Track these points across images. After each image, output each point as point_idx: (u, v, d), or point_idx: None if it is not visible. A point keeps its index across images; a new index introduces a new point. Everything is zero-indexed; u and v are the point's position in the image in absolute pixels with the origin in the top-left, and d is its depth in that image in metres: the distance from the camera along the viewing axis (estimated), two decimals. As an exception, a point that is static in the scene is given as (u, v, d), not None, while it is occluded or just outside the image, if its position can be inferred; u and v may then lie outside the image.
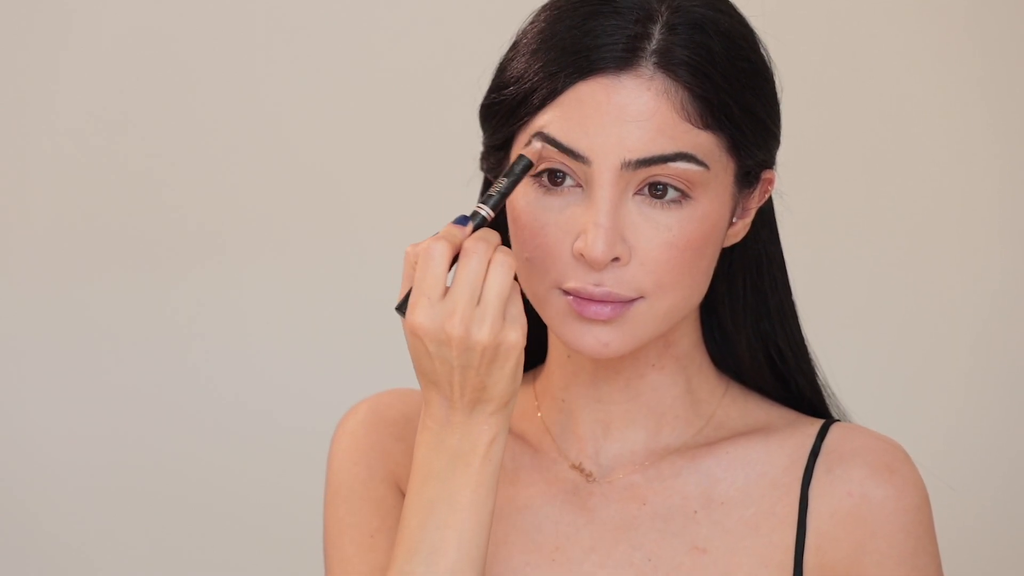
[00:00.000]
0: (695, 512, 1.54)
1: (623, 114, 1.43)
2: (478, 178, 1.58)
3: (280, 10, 2.63)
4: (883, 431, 1.57)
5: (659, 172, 1.44)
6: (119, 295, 2.62)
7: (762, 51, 1.50)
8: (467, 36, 2.56)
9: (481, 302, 1.40)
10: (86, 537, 2.63)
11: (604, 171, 1.43)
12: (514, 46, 1.49)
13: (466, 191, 1.62)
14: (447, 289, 1.40)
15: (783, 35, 2.60)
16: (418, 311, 1.40)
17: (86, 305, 2.62)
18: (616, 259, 1.44)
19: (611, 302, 1.45)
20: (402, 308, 1.42)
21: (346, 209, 2.64)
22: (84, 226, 2.62)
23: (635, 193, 1.45)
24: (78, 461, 2.62)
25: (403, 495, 1.59)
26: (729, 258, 1.57)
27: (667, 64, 1.44)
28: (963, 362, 2.65)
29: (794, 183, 2.62)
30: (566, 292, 1.46)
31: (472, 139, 1.56)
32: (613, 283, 1.45)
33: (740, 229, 1.53)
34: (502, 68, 1.49)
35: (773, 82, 1.51)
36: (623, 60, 1.44)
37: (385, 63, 2.63)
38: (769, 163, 1.53)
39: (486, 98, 1.51)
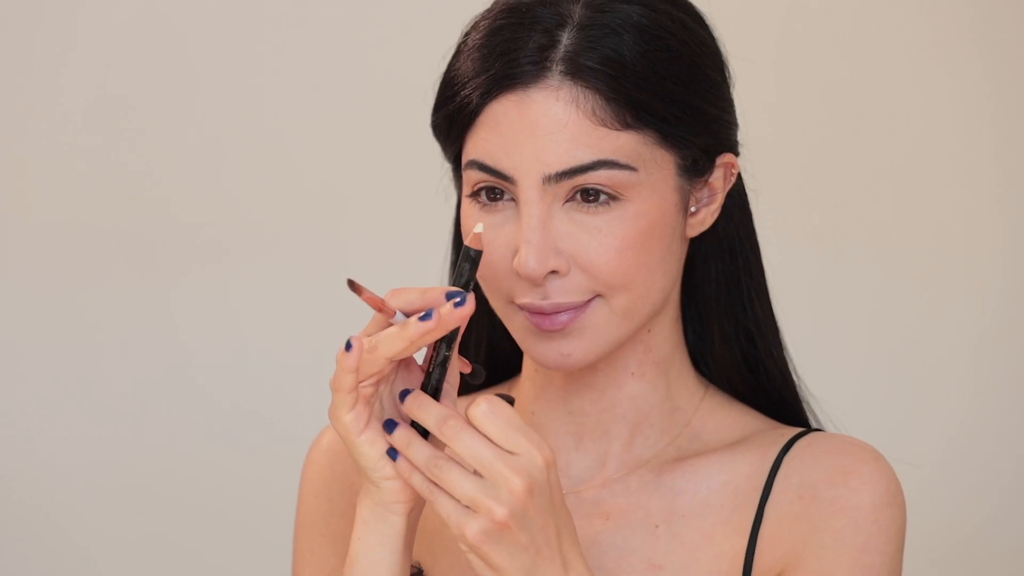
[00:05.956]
0: (656, 527, 1.51)
1: (536, 129, 1.41)
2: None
3: (280, 15, 2.62)
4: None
5: (583, 181, 1.41)
6: (116, 298, 2.63)
7: (693, 35, 1.45)
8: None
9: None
10: (83, 536, 2.65)
11: (528, 188, 1.41)
12: (448, 62, 1.47)
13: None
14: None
15: (796, 43, 2.61)
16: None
17: (84, 307, 2.63)
18: (555, 272, 1.43)
19: (565, 310, 1.44)
20: None
21: (342, 214, 2.64)
22: (81, 229, 2.62)
23: (565, 202, 1.42)
24: (76, 461, 2.63)
25: None
26: (701, 245, 1.54)
27: (574, 71, 1.40)
28: (967, 368, 2.64)
29: (800, 190, 2.62)
30: (521, 307, 1.45)
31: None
32: (559, 294, 1.43)
33: (706, 217, 1.50)
34: (440, 85, 1.48)
35: (708, 65, 1.45)
36: (530, 74, 1.41)
37: (381, 69, 2.63)
38: (720, 147, 1.48)
39: (432, 116, 1.49)
